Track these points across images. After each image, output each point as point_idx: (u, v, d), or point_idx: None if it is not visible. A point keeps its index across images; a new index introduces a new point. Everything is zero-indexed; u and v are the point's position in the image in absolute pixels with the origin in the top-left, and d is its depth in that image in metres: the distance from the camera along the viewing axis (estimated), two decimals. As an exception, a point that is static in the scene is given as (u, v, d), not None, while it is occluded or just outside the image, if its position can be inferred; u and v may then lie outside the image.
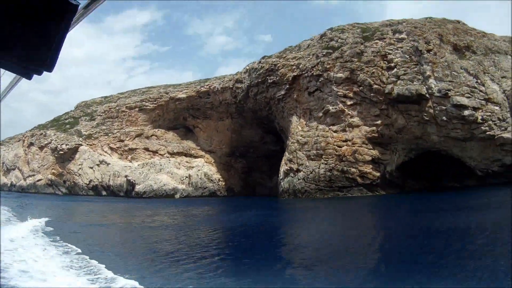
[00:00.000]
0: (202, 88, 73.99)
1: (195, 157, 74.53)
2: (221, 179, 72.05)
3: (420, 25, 52.41)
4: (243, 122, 71.99)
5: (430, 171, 52.50)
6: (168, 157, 74.05)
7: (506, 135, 44.78)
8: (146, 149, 75.59)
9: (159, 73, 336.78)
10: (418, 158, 51.10)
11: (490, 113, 45.41)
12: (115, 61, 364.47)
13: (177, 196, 68.13)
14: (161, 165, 72.06)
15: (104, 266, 15.02)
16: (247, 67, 65.84)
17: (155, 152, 75.11)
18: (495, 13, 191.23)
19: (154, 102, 77.97)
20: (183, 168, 72.13)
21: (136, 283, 12.86)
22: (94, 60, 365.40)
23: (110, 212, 46.79)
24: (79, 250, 18.36)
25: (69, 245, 19.97)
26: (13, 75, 3.96)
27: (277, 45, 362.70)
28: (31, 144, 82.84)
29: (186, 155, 74.76)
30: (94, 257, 16.55)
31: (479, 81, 47.13)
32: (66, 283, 12.98)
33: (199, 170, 71.74)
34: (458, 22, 58.35)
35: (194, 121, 77.32)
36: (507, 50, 53.10)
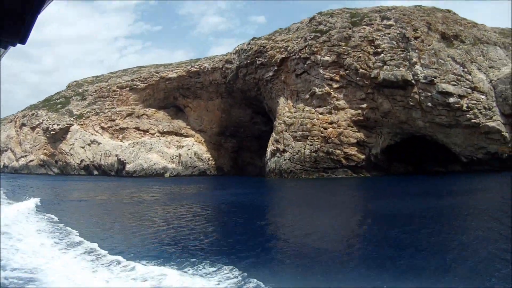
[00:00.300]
0: (192, 68, 74.38)
1: (186, 136, 75.24)
2: (211, 158, 72.91)
3: (409, 13, 52.87)
4: (233, 102, 72.62)
5: (415, 155, 53.39)
6: (158, 136, 74.72)
7: (491, 123, 45.67)
8: (137, 128, 76.13)
9: (151, 53, 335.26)
10: (403, 142, 51.96)
11: (475, 102, 46.11)
12: (107, 40, 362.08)
13: (167, 175, 68.99)
14: (151, 144, 72.80)
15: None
16: (237, 48, 66.23)
17: (145, 131, 75.69)
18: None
19: (145, 82, 78.30)
20: (173, 147, 72.90)
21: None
22: (86, 39, 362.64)
23: (103, 190, 47.17)
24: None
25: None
26: None
27: (270, 26, 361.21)
28: (23, 124, 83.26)
29: (176, 134, 75.43)
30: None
31: (465, 69, 47.71)
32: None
33: (189, 149, 72.56)
34: (449, 11, 58.76)
35: (184, 100, 77.83)
36: (497, 41, 53.74)
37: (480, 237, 15.26)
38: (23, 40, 2.60)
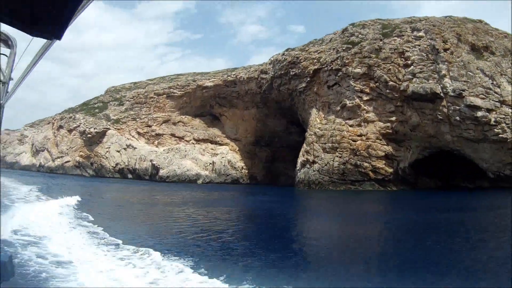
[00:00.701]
0: (228, 77, 75.78)
1: (220, 144, 76.68)
2: (244, 167, 74.08)
3: (439, 24, 52.57)
4: (268, 112, 73.57)
5: (443, 170, 53.03)
6: (193, 143, 76.43)
7: None
8: (173, 135, 78.12)
9: (190, 60, 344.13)
10: (432, 156, 51.71)
11: (504, 116, 45.45)
12: (146, 47, 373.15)
13: (200, 181, 70.53)
14: (186, 151, 74.56)
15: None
16: (272, 59, 67.21)
17: (181, 138, 77.56)
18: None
19: (182, 90, 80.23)
20: (207, 155, 74.45)
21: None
22: (125, 46, 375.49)
23: (139, 192, 48.99)
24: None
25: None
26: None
27: (310, 36, 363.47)
28: (61, 127, 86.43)
29: (211, 142, 76.98)
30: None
31: (494, 82, 47.13)
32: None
33: (223, 157, 73.95)
34: (480, 21, 58.27)
35: (220, 109, 79.38)
36: (527, 51, 52.85)
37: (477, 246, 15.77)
38: (59, 36, 2.50)
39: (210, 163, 72.96)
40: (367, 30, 56.39)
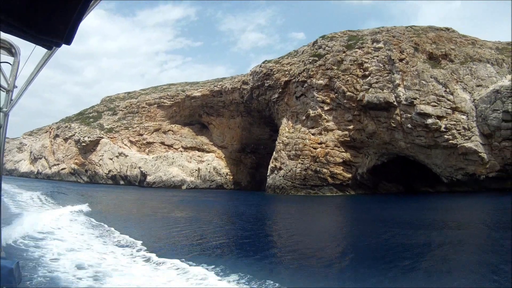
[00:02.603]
0: (215, 87, 79.09)
1: (207, 152, 80.00)
2: (229, 173, 77.15)
3: (399, 34, 54.73)
4: (252, 120, 76.52)
5: (405, 175, 54.99)
6: (181, 151, 79.88)
7: (468, 144, 46.24)
8: (162, 143, 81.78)
9: (191, 68, 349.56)
10: (392, 162, 53.76)
11: (455, 122, 47.13)
12: (147, 54, 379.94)
13: (184, 187, 73.84)
14: (173, 158, 78.04)
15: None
16: (252, 70, 70.07)
17: (170, 146, 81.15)
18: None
19: (172, 99, 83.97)
20: (194, 162, 77.79)
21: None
22: (127, 53, 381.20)
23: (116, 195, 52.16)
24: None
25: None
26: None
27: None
28: (57, 135, 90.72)
29: (199, 149, 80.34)
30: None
31: (448, 90, 48.83)
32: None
33: (208, 164, 77.23)
34: (447, 29, 60.09)
35: (208, 118, 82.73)
36: (490, 58, 54.25)
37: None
38: (68, 41, 2.37)
39: (196, 170, 76.28)
40: (333, 42, 58.66)
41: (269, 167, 60.39)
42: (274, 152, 59.90)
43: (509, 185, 44.37)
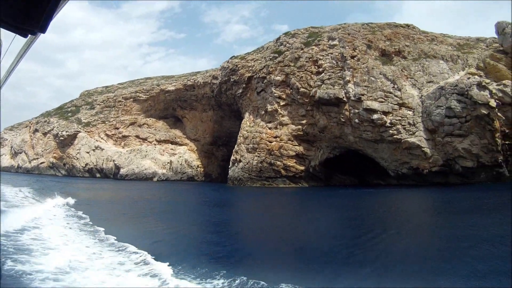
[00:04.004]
0: (188, 81, 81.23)
1: (180, 144, 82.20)
2: (200, 166, 79.34)
3: (354, 32, 56.56)
4: (223, 114, 78.51)
5: (358, 168, 56.82)
6: (155, 144, 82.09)
7: (412, 139, 47.86)
8: (137, 137, 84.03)
9: (174, 60, 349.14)
10: (345, 155, 55.49)
11: (400, 118, 48.79)
12: (131, 46, 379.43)
13: (155, 179, 76.14)
14: (146, 151, 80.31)
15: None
16: (222, 65, 71.95)
17: (144, 140, 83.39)
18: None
19: (147, 93, 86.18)
20: (166, 155, 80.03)
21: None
22: (111, 45, 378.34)
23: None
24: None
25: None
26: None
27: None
28: (36, 130, 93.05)
29: (172, 142, 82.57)
30: None
31: (396, 86, 50.57)
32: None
33: (180, 156, 79.42)
34: (408, 26, 61.69)
35: (182, 111, 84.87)
36: (445, 54, 55.80)
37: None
38: (43, 29, 2.28)
39: (168, 162, 78.50)
40: (294, 39, 60.53)
41: (231, 159, 62.55)
42: (236, 146, 62.07)
43: (452, 179, 46.19)
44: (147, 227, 21.68)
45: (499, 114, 44.06)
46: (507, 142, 45.21)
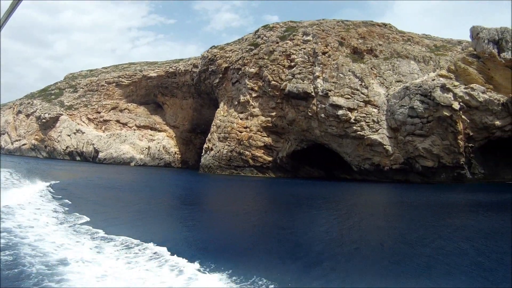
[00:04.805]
0: (170, 68, 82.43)
1: (159, 131, 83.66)
2: (177, 152, 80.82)
3: (328, 28, 57.87)
4: (203, 102, 79.87)
5: (326, 161, 58.16)
6: (135, 129, 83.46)
7: (374, 136, 49.30)
8: (118, 121, 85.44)
9: (163, 45, 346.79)
10: (313, 148, 56.81)
11: (365, 115, 50.09)
12: (120, 30, 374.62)
13: (132, 164, 77.68)
14: (125, 136, 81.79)
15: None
16: (202, 54, 73.09)
17: (124, 124, 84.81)
18: None
19: (129, 79, 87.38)
20: (145, 140, 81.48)
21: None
22: (100, 28, 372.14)
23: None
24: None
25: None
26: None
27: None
28: (19, 112, 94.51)
29: (151, 128, 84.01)
30: None
31: (363, 83, 51.83)
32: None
33: (158, 142, 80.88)
34: (385, 25, 63.06)
35: (163, 98, 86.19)
36: (417, 55, 57.25)
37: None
38: None
39: (146, 148, 79.98)
40: (271, 32, 61.75)
41: (204, 147, 64.02)
42: (209, 134, 63.45)
43: (412, 178, 47.66)
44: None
45: (463, 117, 44.90)
46: (470, 145, 46.30)
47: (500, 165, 47.06)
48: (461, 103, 44.80)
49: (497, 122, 43.88)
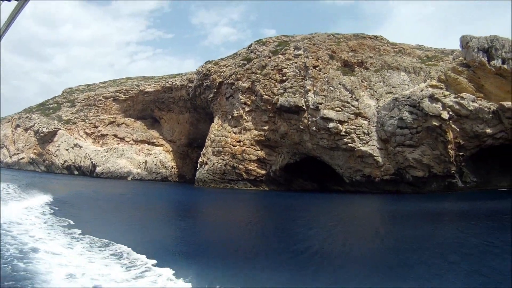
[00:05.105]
0: (166, 83, 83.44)
1: (156, 145, 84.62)
2: (174, 167, 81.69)
3: (319, 42, 58.77)
4: (199, 116, 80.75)
5: (319, 174, 58.79)
6: (132, 144, 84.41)
7: (365, 148, 49.77)
8: (115, 136, 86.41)
9: (161, 59, 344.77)
10: (305, 161, 57.48)
11: (355, 127, 50.65)
12: (119, 44, 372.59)
13: (129, 178, 78.49)
14: (123, 150, 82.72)
15: None
16: (197, 69, 74.10)
17: (122, 139, 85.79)
18: None
19: (126, 94, 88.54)
20: (142, 155, 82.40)
21: None
22: (99, 42, 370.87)
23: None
24: None
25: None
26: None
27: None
28: (18, 125, 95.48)
29: (148, 143, 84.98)
30: None
31: (353, 96, 52.52)
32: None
33: (155, 157, 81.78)
34: (376, 37, 63.97)
35: (159, 112, 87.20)
36: (408, 66, 57.88)
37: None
38: None
39: (143, 162, 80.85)
40: (264, 47, 62.67)
41: (199, 161, 64.89)
42: (204, 148, 64.31)
43: (403, 188, 48.07)
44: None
45: (453, 126, 45.14)
46: (461, 154, 46.77)
47: (492, 172, 46.96)
48: (450, 113, 45.07)
49: (488, 130, 43.98)
